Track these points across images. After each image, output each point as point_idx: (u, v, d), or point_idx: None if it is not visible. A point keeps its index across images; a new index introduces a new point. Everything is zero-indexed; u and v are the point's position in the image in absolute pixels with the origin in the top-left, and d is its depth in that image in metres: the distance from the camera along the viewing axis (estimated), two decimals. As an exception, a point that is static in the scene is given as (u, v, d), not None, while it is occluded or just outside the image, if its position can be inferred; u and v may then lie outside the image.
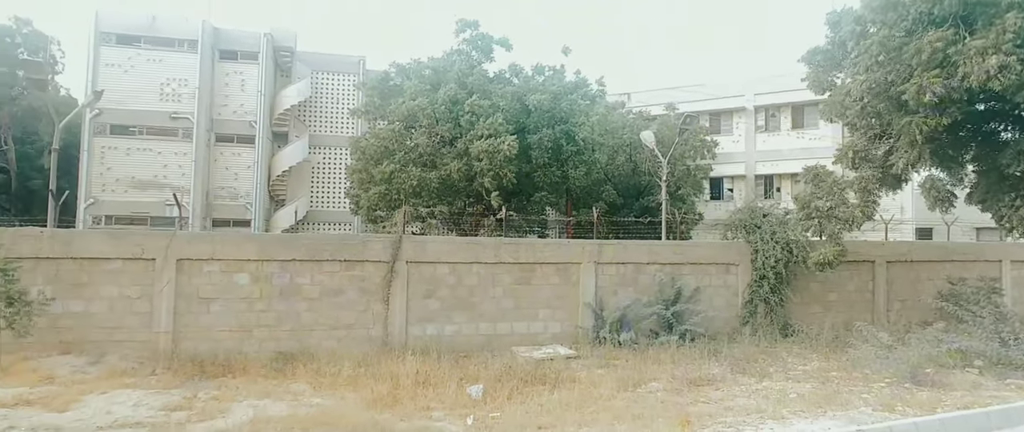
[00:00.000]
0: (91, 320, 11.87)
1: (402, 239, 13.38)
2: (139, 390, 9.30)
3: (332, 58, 32.33)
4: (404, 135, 18.86)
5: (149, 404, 8.46)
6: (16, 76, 30.95)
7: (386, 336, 12.98)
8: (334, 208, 31.44)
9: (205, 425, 7.65)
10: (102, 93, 19.94)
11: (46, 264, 11.73)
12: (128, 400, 8.62)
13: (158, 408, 8.30)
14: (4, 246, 11.38)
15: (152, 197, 27.14)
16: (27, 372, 10.32)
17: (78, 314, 11.82)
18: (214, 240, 12.81)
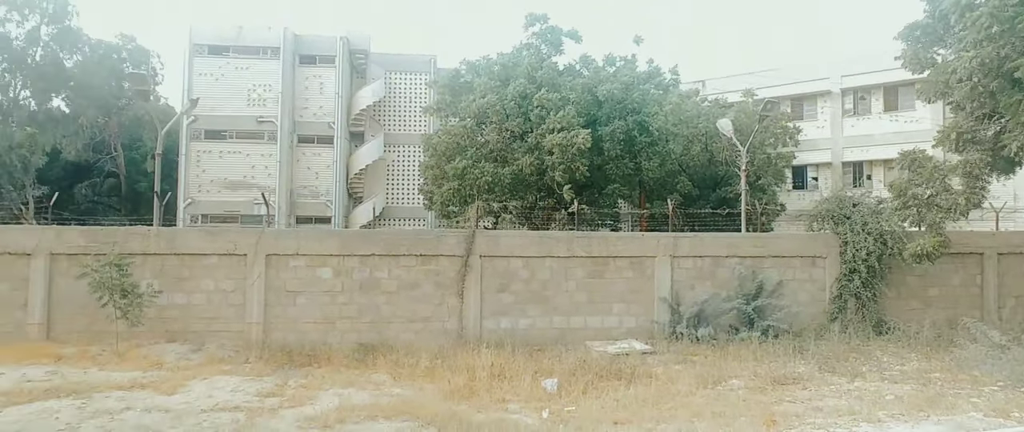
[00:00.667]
0: (192, 311, 12.81)
1: (475, 234, 13.56)
2: (235, 376, 9.94)
3: (404, 58, 33.16)
4: (475, 131, 19.09)
5: (245, 390, 9.03)
6: (123, 88, 33.76)
7: (461, 329, 13.21)
8: (408, 204, 32.31)
9: (295, 411, 8.06)
10: (197, 101, 21.40)
11: (153, 260, 12.76)
12: (226, 386, 9.24)
13: (253, 394, 8.84)
14: (118, 243, 12.49)
15: (242, 196, 28.91)
16: (139, 358, 11.28)
17: (181, 305, 12.79)
18: (299, 236, 13.48)
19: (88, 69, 31.02)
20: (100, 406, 7.91)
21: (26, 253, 12.58)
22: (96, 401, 8.11)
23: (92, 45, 32.04)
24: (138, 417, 7.55)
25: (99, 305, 11.59)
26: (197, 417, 7.65)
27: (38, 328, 12.40)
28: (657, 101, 19.83)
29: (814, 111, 28.61)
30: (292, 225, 28.48)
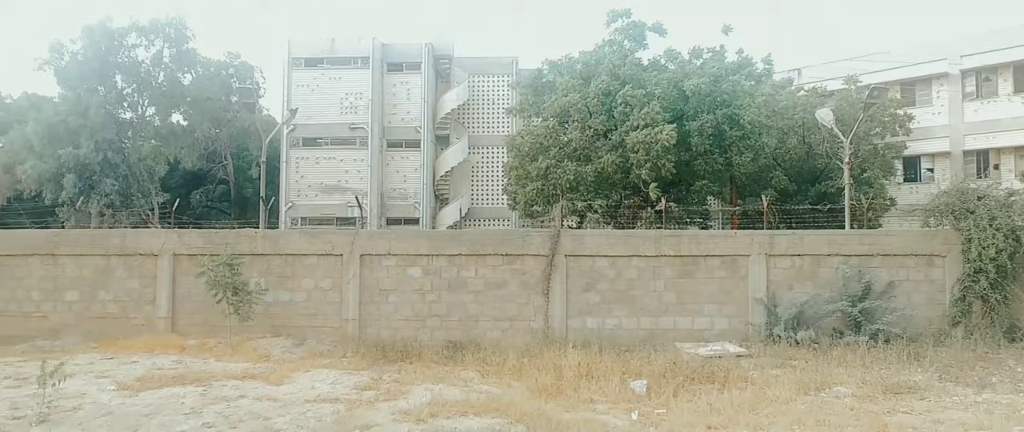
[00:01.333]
0: (295, 308, 13.66)
1: (560, 233, 13.53)
2: (334, 370, 10.49)
3: (487, 61, 33.68)
4: (558, 131, 19.05)
5: (343, 383, 9.51)
6: (231, 102, 36.56)
7: (547, 328, 13.23)
8: (493, 205, 32.79)
9: (390, 405, 8.39)
10: (296, 111, 22.81)
11: (260, 260, 13.73)
12: (327, 378, 9.77)
13: (351, 386, 9.29)
14: (229, 245, 13.55)
15: (336, 200, 30.51)
16: (249, 350, 12.17)
17: (285, 302, 13.68)
18: (390, 237, 14.03)
19: (202, 86, 33.85)
20: (218, 393, 8.60)
21: (153, 254, 13.93)
22: (215, 389, 8.83)
23: (204, 64, 34.93)
24: (251, 404, 8.14)
25: (214, 301, 12.64)
26: (302, 407, 8.13)
27: (164, 321, 13.70)
28: (748, 93, 18.91)
29: (928, 96, 26.16)
30: (383, 226, 29.72)
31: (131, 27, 31.08)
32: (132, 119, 31.83)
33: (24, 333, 13.80)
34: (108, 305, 13.98)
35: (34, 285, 14.17)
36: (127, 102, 31.84)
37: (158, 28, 31.79)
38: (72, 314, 14.00)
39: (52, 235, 14.71)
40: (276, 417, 7.68)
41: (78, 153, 28.24)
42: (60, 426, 7.23)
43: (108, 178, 28.99)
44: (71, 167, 28.14)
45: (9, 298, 14.17)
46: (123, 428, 7.19)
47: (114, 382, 9.29)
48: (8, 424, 7.29)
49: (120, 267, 14.04)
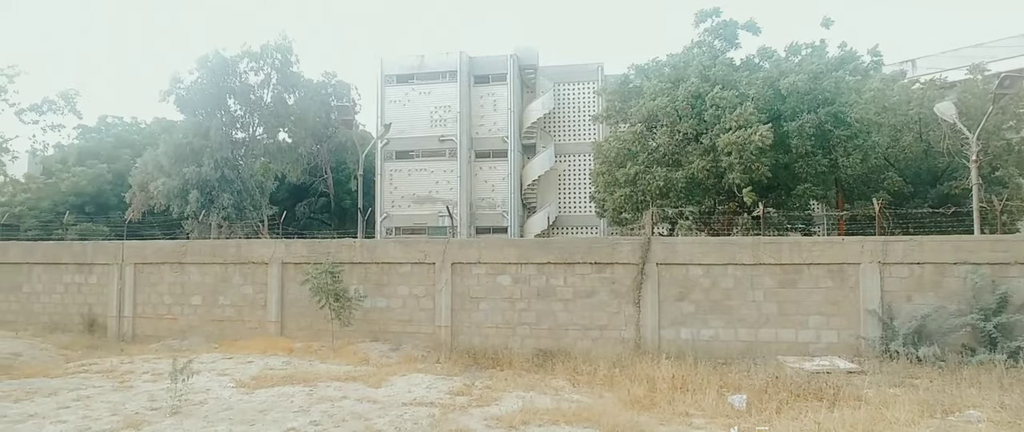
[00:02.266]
0: (390, 314, 14.23)
1: (650, 241, 13.22)
2: (429, 375, 10.80)
3: (571, 68, 33.69)
4: (646, 136, 18.66)
5: (438, 387, 9.77)
6: (330, 119, 38.84)
7: (638, 338, 12.94)
8: (580, 212, 32.62)
9: (483, 411, 8.52)
10: (390, 126, 23.88)
11: (358, 268, 14.43)
12: (422, 383, 10.08)
13: (445, 391, 9.53)
14: (331, 254, 14.37)
15: (428, 210, 31.56)
16: (350, 354, 12.80)
17: (381, 308, 14.29)
18: (480, 245, 14.28)
19: (304, 105, 36.23)
20: (323, 394, 9.11)
21: (264, 262, 15.02)
22: (320, 389, 9.36)
23: (306, 84, 37.37)
24: (352, 405, 8.56)
25: (318, 307, 13.43)
26: (399, 409, 8.44)
27: (275, 325, 14.72)
28: (854, 89, 17.64)
29: (1071, 84, 23.19)
30: (472, 235, 30.35)
31: (243, 54, 33.85)
32: (244, 138, 34.61)
33: (157, 333, 15.34)
34: (226, 309, 15.24)
35: (166, 290, 15.72)
36: (240, 123, 34.68)
37: (267, 54, 34.42)
38: (196, 317, 15.38)
39: (180, 245, 16.25)
40: (376, 418, 8.02)
41: (200, 171, 31.08)
42: (189, 418, 7.94)
43: (225, 193, 31.67)
44: (194, 184, 30.99)
45: (146, 302, 15.81)
46: (242, 423, 7.79)
47: (233, 380, 10.08)
48: (147, 414, 8.11)
49: (236, 274, 15.26)
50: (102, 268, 16.22)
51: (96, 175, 37.53)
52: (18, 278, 17.07)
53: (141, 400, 8.85)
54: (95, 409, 8.45)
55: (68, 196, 36.33)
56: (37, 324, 16.14)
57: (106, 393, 9.35)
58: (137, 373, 10.70)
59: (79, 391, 9.44)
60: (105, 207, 36.13)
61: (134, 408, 8.44)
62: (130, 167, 35.42)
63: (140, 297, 15.85)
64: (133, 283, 15.88)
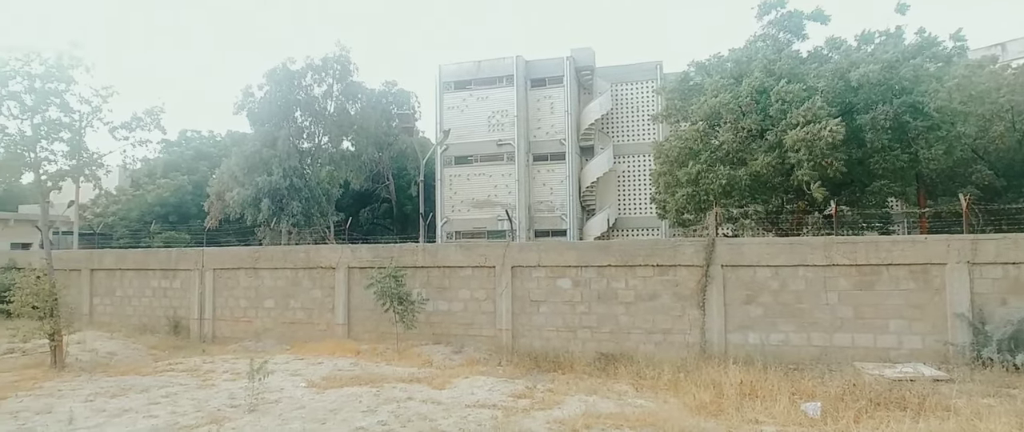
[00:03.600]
0: (452, 317, 14.45)
1: (715, 242, 12.85)
2: (491, 377, 10.89)
3: (629, 68, 33.25)
4: (708, 134, 18.16)
5: (500, 390, 9.84)
6: (391, 127, 39.91)
7: (703, 342, 12.59)
8: (641, 214, 32.11)
9: (545, 414, 8.52)
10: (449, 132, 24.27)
11: (421, 272, 14.74)
12: (484, 385, 10.18)
13: (507, 394, 9.59)
14: (394, 258, 14.75)
15: (487, 214, 31.87)
16: (414, 356, 13.08)
17: (443, 312, 14.53)
18: (540, 249, 14.29)
19: (365, 114, 37.37)
20: (389, 394, 9.36)
21: (332, 267, 15.58)
22: (386, 390, 9.62)
23: (367, 93, 38.55)
24: (417, 406, 8.75)
25: (382, 310, 13.81)
26: (463, 411, 8.56)
27: (342, 328, 15.23)
28: (935, 77, 16.54)
29: None
30: (531, 238, 30.40)
31: (307, 67, 35.29)
32: (310, 148, 36.03)
33: (234, 335, 16.19)
34: (297, 312, 15.90)
35: (241, 294, 16.57)
36: (306, 133, 36.13)
37: (328, 65, 35.73)
38: (270, 319, 16.13)
39: (254, 251, 17.09)
40: (440, 419, 8.17)
41: (270, 180, 32.57)
42: (266, 416, 8.34)
43: (294, 201, 33.04)
44: (266, 192, 32.51)
45: (224, 305, 16.72)
46: (314, 421, 8.11)
47: (305, 380, 10.51)
48: (228, 411, 8.58)
49: (306, 279, 15.91)
50: (185, 273, 17.28)
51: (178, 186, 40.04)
52: (112, 283, 18.43)
53: (222, 398, 9.36)
54: (181, 405, 9.01)
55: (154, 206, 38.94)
56: (129, 325, 17.35)
57: (191, 390, 9.94)
58: (218, 372, 11.32)
59: (167, 388, 10.09)
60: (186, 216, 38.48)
61: (216, 405, 8.94)
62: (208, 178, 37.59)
63: (219, 301, 16.77)
64: (212, 288, 16.82)
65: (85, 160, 13.00)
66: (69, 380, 10.87)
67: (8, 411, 8.88)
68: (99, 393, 9.83)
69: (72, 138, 12.59)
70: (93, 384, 10.47)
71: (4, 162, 12.31)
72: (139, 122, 13.03)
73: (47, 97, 12.08)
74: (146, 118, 13.07)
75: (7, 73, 11.72)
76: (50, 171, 12.70)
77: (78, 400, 9.40)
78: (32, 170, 12.51)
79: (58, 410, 8.85)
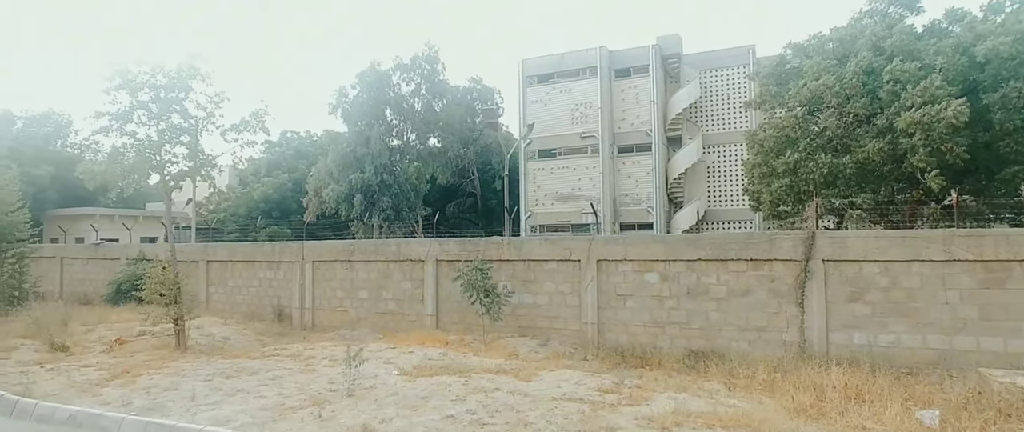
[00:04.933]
0: (537, 310, 14.51)
1: (815, 235, 12.06)
2: (577, 371, 10.84)
3: (718, 54, 31.88)
4: (807, 120, 17.03)
5: (586, 384, 9.77)
6: (475, 122, 40.60)
7: (802, 341, 11.87)
8: (732, 206, 30.79)
9: (633, 410, 8.36)
10: (533, 126, 24.33)
11: (506, 265, 14.90)
12: (570, 379, 10.15)
13: (593, 389, 9.50)
14: (480, 251, 15.00)
15: (570, 207, 31.71)
16: (500, 348, 13.27)
17: (528, 305, 14.61)
18: (625, 242, 14.03)
19: (450, 111, 38.26)
20: (477, 385, 9.54)
21: (421, 260, 16.09)
22: (474, 381, 9.82)
23: (452, 91, 39.45)
24: (505, 398, 8.86)
25: (469, 302, 14.09)
26: (549, 404, 8.57)
27: (431, 319, 15.71)
28: (1083, 48, 14.58)
29: None
30: (616, 232, 29.95)
31: (395, 67, 36.58)
32: (399, 145, 37.40)
33: (331, 324, 17.13)
34: (388, 303, 16.57)
35: (338, 285, 17.49)
36: (395, 131, 37.53)
37: (416, 64, 36.85)
38: (364, 309, 16.92)
39: (349, 245, 17.97)
40: (527, 411, 8.23)
41: (363, 177, 34.13)
42: (362, 401, 8.76)
43: (384, 196, 34.45)
44: (359, 189, 34.12)
45: (322, 295, 17.73)
46: (406, 407, 8.43)
47: (397, 368, 10.94)
48: (327, 395, 9.10)
49: (396, 271, 16.54)
50: (287, 265, 18.48)
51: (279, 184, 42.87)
52: (224, 274, 20.05)
53: (322, 382, 9.94)
54: (286, 388, 9.66)
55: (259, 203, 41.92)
56: (239, 313, 18.81)
57: (294, 374, 10.63)
58: (317, 358, 12.03)
59: (273, 372, 10.84)
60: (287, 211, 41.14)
61: (317, 389, 9.50)
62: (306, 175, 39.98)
63: (317, 291, 17.81)
64: (311, 279, 17.88)
65: (201, 161, 14.19)
66: (190, 361, 11.94)
67: (142, 387, 9.89)
68: (216, 373, 10.73)
69: (190, 141, 13.77)
70: (211, 365, 11.44)
71: (135, 165, 13.65)
72: (246, 125, 14.04)
73: (170, 105, 13.28)
74: (252, 121, 14.05)
75: (137, 85, 13.00)
76: (172, 172, 13.97)
77: (198, 379, 10.31)
78: (157, 171, 13.81)
79: (182, 388, 9.75)
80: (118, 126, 13.25)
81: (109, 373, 10.99)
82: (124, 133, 13.39)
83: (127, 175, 13.74)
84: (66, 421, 8.47)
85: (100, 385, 10.18)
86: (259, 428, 7.68)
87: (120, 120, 13.20)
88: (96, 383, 10.32)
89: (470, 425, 7.72)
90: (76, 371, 11.24)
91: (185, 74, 13.30)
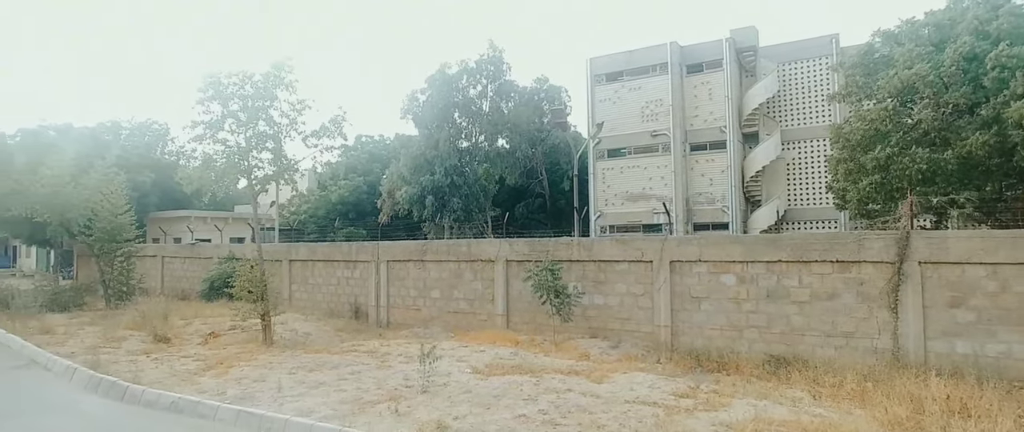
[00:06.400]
0: (608, 312, 14.32)
1: (910, 235, 11.23)
2: (650, 374, 10.61)
3: (798, 45, 30.34)
4: (900, 112, 15.88)
5: (661, 388, 9.54)
6: (543, 123, 40.59)
7: (896, 349, 11.09)
8: (814, 205, 29.24)
9: (710, 415, 8.09)
10: (602, 125, 24.06)
11: (576, 266, 14.80)
12: (644, 382, 9.94)
13: (668, 392, 9.27)
14: (550, 252, 14.98)
15: (641, 207, 31.09)
16: (570, 349, 13.19)
17: (599, 306, 14.45)
18: (700, 243, 13.60)
19: (518, 111, 38.43)
20: (548, 385, 9.53)
21: (491, 260, 16.26)
22: (545, 381, 9.81)
23: (519, 91, 39.62)
24: (576, 399, 8.80)
25: (539, 303, 14.09)
26: (622, 406, 8.44)
27: (501, 318, 15.84)
28: None
29: None
30: (689, 232, 29.13)
31: (462, 70, 37.15)
32: (468, 147, 37.96)
33: (405, 321, 17.61)
34: (460, 302, 16.85)
35: (411, 284, 17.96)
36: (464, 133, 38.12)
37: (482, 67, 37.28)
38: (436, 308, 17.29)
39: (421, 245, 18.42)
40: (600, 413, 8.13)
41: (433, 179, 34.90)
42: (436, 398, 8.95)
43: (454, 197, 35.07)
44: (430, 190, 34.91)
45: (396, 294, 18.27)
46: (479, 405, 8.53)
47: (469, 366, 11.10)
48: (403, 391, 9.35)
49: (467, 271, 16.78)
50: (363, 265, 19.16)
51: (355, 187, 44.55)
52: (305, 272, 21.04)
53: (398, 378, 10.23)
54: (364, 383, 10.01)
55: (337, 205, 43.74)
56: (319, 310, 19.69)
57: (371, 370, 11.01)
58: (393, 355, 12.39)
59: (352, 367, 11.27)
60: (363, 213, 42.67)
61: (393, 385, 9.79)
62: (380, 178, 41.34)
63: (392, 290, 18.35)
64: (386, 278, 18.45)
65: (284, 166, 14.95)
66: (276, 354, 12.61)
67: (234, 378, 10.54)
68: (299, 367, 11.27)
69: (275, 147, 14.54)
70: (295, 359, 12.03)
71: (226, 170, 14.57)
72: (325, 130, 14.67)
73: (257, 113, 14.09)
74: (331, 126, 14.67)
75: (228, 95, 13.87)
76: (259, 176, 14.80)
77: (284, 372, 10.87)
78: (245, 176, 14.67)
79: (269, 379, 10.31)
80: (211, 134, 14.19)
81: (205, 364, 11.78)
82: (216, 141, 14.32)
83: (219, 180, 14.69)
84: (169, 407, 9.15)
85: (197, 375, 10.92)
86: (340, 421, 7.99)
87: (213, 129, 14.13)
88: (194, 373, 11.09)
89: (542, 425, 7.72)
90: (176, 361, 12.13)
91: (271, 83, 14.05)
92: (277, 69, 14.08)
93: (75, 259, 31.36)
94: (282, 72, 14.11)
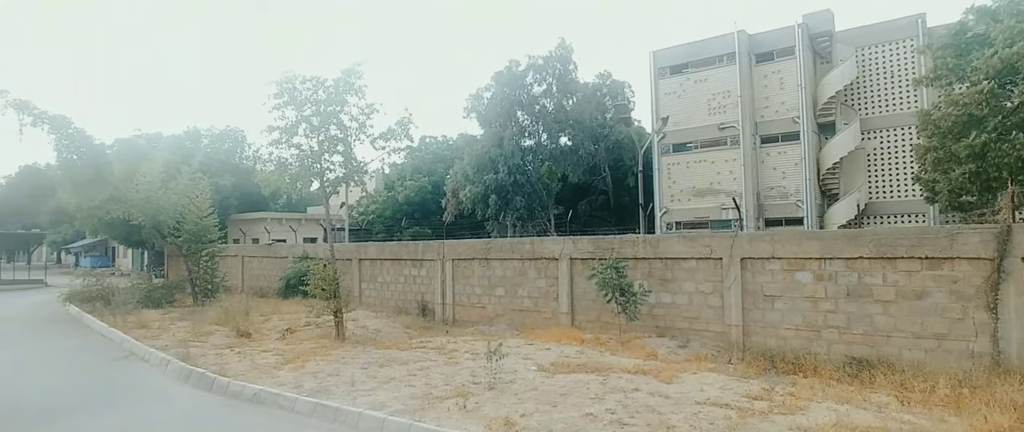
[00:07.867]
0: (676, 310, 13.98)
1: (1011, 229, 10.34)
2: (721, 375, 10.27)
3: (878, 28, 28.55)
4: (998, 95, 14.67)
5: (733, 389, 9.22)
6: (606, 119, 40.09)
7: (995, 353, 10.25)
8: (899, 197, 27.46)
9: (786, 419, 7.74)
10: (667, 119, 23.51)
11: (642, 264, 14.53)
12: (714, 382, 9.64)
13: (741, 394, 8.94)
14: (614, 249, 14.78)
15: (709, 203, 30.16)
16: (637, 348, 12.96)
17: (666, 304, 14.13)
18: (773, 239, 13.05)
19: (580, 108, 38.16)
20: (615, 384, 9.41)
21: (555, 258, 16.22)
22: (612, 380, 9.69)
23: (582, 87, 39.31)
24: (644, 398, 8.64)
25: (604, 301, 13.94)
26: (693, 407, 8.22)
27: (566, 316, 15.78)
28: None
29: None
30: (760, 228, 28.03)
31: (528, 67, 37.23)
32: (531, 145, 38.02)
33: (471, 319, 17.85)
34: (524, 300, 16.91)
35: (476, 282, 18.19)
36: (527, 132, 38.21)
37: (549, 64, 37.23)
38: (500, 306, 17.43)
39: (485, 243, 18.61)
40: (669, 413, 7.95)
41: (497, 178, 35.19)
42: (503, 394, 9.02)
43: (517, 196, 35.24)
44: (493, 189, 35.24)
45: (462, 292, 18.55)
46: (546, 403, 8.53)
47: (535, 364, 11.12)
48: (471, 387, 9.48)
49: (531, 269, 16.82)
50: (429, 263, 19.57)
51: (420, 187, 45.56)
52: (374, 271, 21.71)
53: (465, 375, 10.39)
54: (433, 378, 10.22)
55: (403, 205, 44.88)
56: (388, 307, 20.26)
57: (439, 366, 11.23)
58: (460, 352, 12.59)
59: (421, 363, 11.53)
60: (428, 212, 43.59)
61: (461, 381, 9.95)
62: (444, 178, 42.08)
63: (457, 287, 18.65)
64: (452, 276, 18.77)
65: (354, 168, 15.47)
66: (348, 349, 13.08)
67: (310, 372, 11.02)
68: (371, 362, 11.65)
69: (345, 150, 15.07)
70: (366, 355, 12.44)
71: (299, 173, 15.24)
72: (392, 133, 15.06)
73: (329, 118, 14.64)
74: (398, 129, 15.05)
75: (302, 101, 14.50)
76: (330, 179, 15.39)
77: (356, 367, 11.26)
78: (317, 178, 15.29)
79: (343, 374, 10.71)
80: (286, 139, 14.87)
81: (283, 358, 12.38)
82: (291, 145, 15.00)
83: (293, 183, 15.39)
84: (252, 398, 9.68)
85: (276, 368, 11.50)
86: (410, 415, 8.19)
87: (288, 133, 14.80)
88: (273, 366, 11.68)
89: (610, 424, 7.63)
90: (257, 355, 12.81)
91: (342, 89, 14.57)
92: (348, 75, 14.58)
93: (166, 259, 33.72)
94: (352, 78, 14.59)
